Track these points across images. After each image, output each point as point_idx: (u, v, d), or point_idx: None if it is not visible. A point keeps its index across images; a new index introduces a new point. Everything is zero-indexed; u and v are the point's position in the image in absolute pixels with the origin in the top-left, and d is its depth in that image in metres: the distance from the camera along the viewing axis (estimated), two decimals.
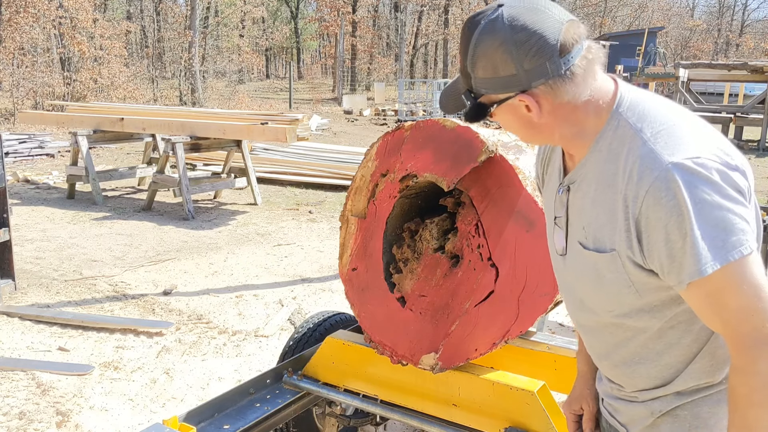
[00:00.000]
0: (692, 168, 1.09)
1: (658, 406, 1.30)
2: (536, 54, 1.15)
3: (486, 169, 2.06)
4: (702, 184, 1.08)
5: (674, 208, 1.09)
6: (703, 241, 1.08)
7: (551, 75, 1.16)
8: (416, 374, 2.26)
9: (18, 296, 5.14)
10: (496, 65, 1.18)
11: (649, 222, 1.12)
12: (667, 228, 1.10)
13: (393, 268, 2.33)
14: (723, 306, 1.12)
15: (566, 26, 1.16)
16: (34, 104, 18.26)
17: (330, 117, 21.96)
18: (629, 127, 1.18)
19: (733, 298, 1.10)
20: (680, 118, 1.18)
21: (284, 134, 7.49)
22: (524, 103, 1.19)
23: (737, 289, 1.09)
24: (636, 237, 1.16)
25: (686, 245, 1.09)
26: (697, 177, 1.08)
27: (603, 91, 1.22)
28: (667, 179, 1.09)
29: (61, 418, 3.37)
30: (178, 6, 31.11)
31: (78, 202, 8.95)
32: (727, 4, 48.72)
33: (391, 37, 41.60)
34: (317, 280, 5.79)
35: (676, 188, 1.08)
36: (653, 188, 1.11)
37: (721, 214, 1.07)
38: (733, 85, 22.13)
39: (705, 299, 1.13)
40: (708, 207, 1.07)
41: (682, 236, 1.09)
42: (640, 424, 1.34)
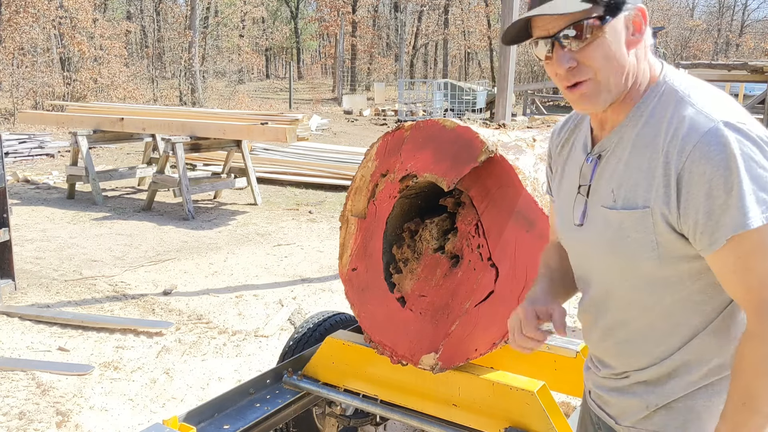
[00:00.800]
0: (742, 129, 1.11)
1: (654, 400, 1.29)
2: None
3: (486, 169, 2.06)
4: (752, 144, 1.10)
5: (722, 162, 1.09)
6: (751, 196, 1.08)
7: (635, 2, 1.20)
8: (416, 374, 2.26)
9: (18, 296, 5.14)
10: None
11: (693, 176, 1.12)
12: (712, 182, 1.10)
13: (393, 268, 2.33)
14: (749, 269, 1.11)
15: None
16: (34, 104, 18.26)
17: (330, 117, 21.96)
18: (675, 93, 1.20)
19: (761, 262, 1.10)
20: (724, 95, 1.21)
21: (284, 134, 7.49)
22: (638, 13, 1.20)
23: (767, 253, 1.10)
24: (675, 192, 1.15)
25: (731, 199, 1.09)
26: (747, 136, 1.10)
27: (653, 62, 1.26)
28: (718, 134, 1.10)
29: (61, 418, 3.37)
30: (178, 6, 31.12)
31: (78, 202, 8.96)
32: (727, 4, 48.71)
33: (391, 37, 41.60)
34: (317, 280, 5.79)
35: (726, 143, 1.09)
36: (701, 143, 1.11)
37: (766, 174, 1.09)
38: (733, 85, 22.12)
39: (734, 262, 1.12)
40: (755, 166, 1.09)
41: (727, 191, 1.09)
42: (632, 417, 1.33)
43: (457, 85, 22.56)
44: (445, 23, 39.02)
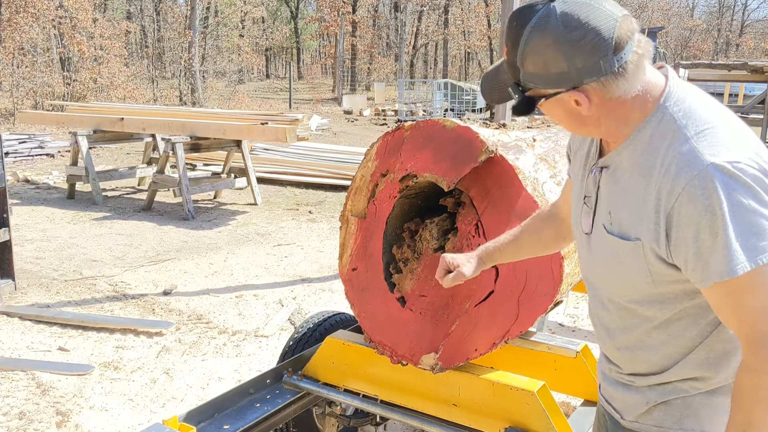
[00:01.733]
0: (731, 171, 1.10)
1: (654, 396, 1.33)
2: (590, 53, 1.14)
3: (486, 169, 2.06)
4: (739, 188, 1.09)
5: (708, 207, 1.10)
6: (736, 243, 1.09)
7: (604, 73, 1.15)
8: (416, 374, 2.26)
9: (18, 296, 5.14)
10: (547, 62, 1.17)
11: (681, 218, 1.13)
12: (699, 226, 1.11)
13: (393, 268, 2.33)
14: (742, 305, 1.13)
15: (620, 22, 1.15)
16: (34, 104, 18.25)
17: (330, 117, 21.95)
18: (674, 122, 1.19)
19: (753, 299, 1.12)
20: (723, 119, 1.19)
21: (284, 134, 7.49)
22: (573, 98, 1.19)
23: (759, 290, 1.11)
24: (665, 231, 1.17)
25: (716, 245, 1.10)
26: (736, 180, 1.10)
27: (651, 86, 1.22)
28: (705, 178, 1.10)
29: (61, 418, 3.37)
30: (178, 6, 31.12)
31: (78, 202, 8.95)
32: (727, 4, 48.70)
33: (391, 37, 41.59)
34: (317, 280, 5.79)
35: (713, 188, 1.10)
36: (690, 186, 1.12)
37: (755, 218, 1.09)
38: (733, 85, 22.11)
39: (726, 297, 1.15)
40: (743, 210, 1.09)
41: (713, 235, 1.10)
42: (634, 411, 1.37)
43: (457, 85, 22.55)
44: (445, 23, 39.02)
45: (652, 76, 1.23)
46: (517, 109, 1.26)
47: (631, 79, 1.18)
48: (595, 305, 1.44)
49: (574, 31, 1.13)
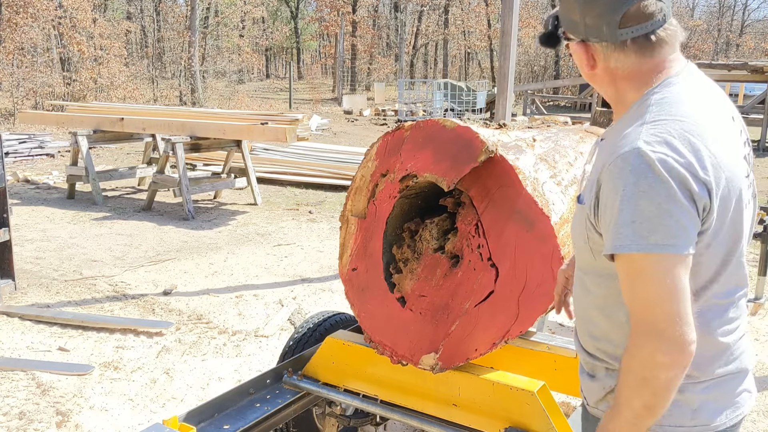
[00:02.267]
0: (651, 160, 1.15)
1: (609, 382, 1.37)
2: (598, 15, 1.25)
3: (486, 169, 2.06)
4: (651, 177, 1.14)
5: (616, 185, 1.17)
6: (629, 225, 1.15)
7: (605, 38, 1.27)
8: (416, 374, 2.26)
9: (18, 296, 5.14)
10: (569, 8, 1.31)
11: (602, 189, 1.21)
12: (607, 200, 1.19)
13: (393, 268, 2.33)
14: (632, 289, 1.19)
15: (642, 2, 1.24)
16: (34, 104, 18.26)
17: (330, 117, 21.95)
18: (646, 107, 1.26)
19: (644, 288, 1.17)
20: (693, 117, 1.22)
21: (284, 134, 7.49)
22: (582, 50, 1.32)
23: (651, 281, 1.15)
24: (595, 197, 1.24)
25: (611, 220, 1.18)
26: (651, 170, 1.14)
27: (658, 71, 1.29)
28: (626, 160, 1.17)
29: (61, 418, 3.37)
30: (178, 6, 31.14)
31: (78, 202, 8.95)
32: (727, 4, 48.68)
33: (391, 37, 41.60)
34: (317, 280, 5.79)
35: (627, 170, 1.16)
36: (613, 163, 1.19)
37: (658, 211, 1.13)
38: (733, 85, 22.12)
39: (623, 278, 1.21)
40: (646, 199, 1.14)
41: (611, 210, 1.18)
42: (595, 397, 1.43)
43: (457, 85, 22.55)
44: (445, 23, 39.01)
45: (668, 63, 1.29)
46: (541, 38, 1.39)
47: (631, 57, 1.27)
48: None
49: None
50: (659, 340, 1.15)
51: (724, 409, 1.31)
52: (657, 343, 1.15)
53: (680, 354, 1.15)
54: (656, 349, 1.15)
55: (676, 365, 1.15)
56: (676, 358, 1.15)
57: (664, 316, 1.15)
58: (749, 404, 1.36)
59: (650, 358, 1.16)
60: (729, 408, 1.32)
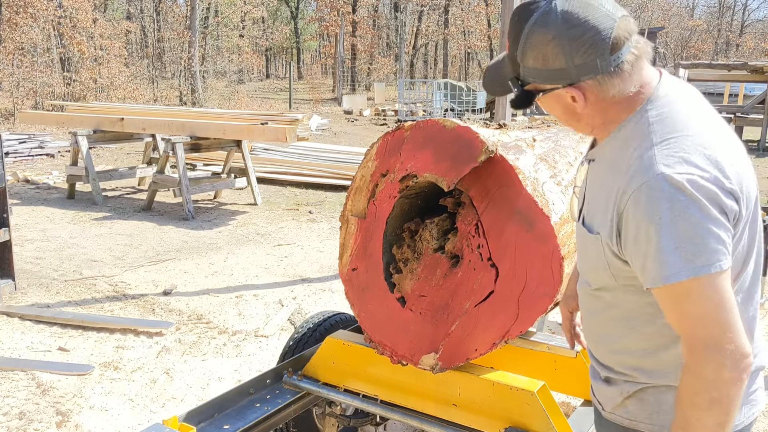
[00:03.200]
0: (679, 183, 1.13)
1: (627, 388, 1.37)
2: (588, 50, 1.18)
3: (486, 169, 2.06)
4: (684, 200, 1.12)
5: (648, 214, 1.14)
6: (674, 253, 1.12)
7: (600, 71, 1.20)
8: (416, 374, 2.26)
9: (18, 296, 5.14)
10: (547, 58, 1.21)
11: (628, 219, 1.18)
12: (638, 230, 1.16)
13: (393, 268, 2.33)
14: (681, 310, 1.17)
15: (619, 23, 1.19)
16: (34, 104, 18.26)
17: (330, 117, 21.95)
18: (647, 125, 1.22)
19: (693, 307, 1.15)
20: (697, 128, 1.20)
21: (284, 134, 7.49)
22: (570, 94, 1.24)
23: (700, 300, 1.14)
24: (617, 228, 1.22)
25: (650, 251, 1.15)
26: (682, 192, 1.12)
27: (645, 87, 1.26)
28: (653, 187, 1.14)
29: (61, 418, 3.37)
30: (178, 6, 31.13)
31: (78, 202, 8.95)
32: (727, 4, 48.68)
33: (391, 37, 41.59)
34: (317, 280, 5.79)
35: (657, 198, 1.13)
36: (638, 191, 1.16)
37: (697, 231, 1.12)
38: (733, 85, 22.13)
39: (667, 302, 1.19)
40: (684, 222, 1.11)
41: (648, 242, 1.15)
42: (611, 403, 1.42)
43: (457, 85, 22.54)
44: (445, 23, 39.01)
45: (648, 78, 1.26)
46: (516, 102, 1.32)
47: (626, 79, 1.22)
48: (580, 289, 1.50)
49: (573, 28, 1.17)
50: (721, 355, 1.13)
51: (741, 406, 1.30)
52: (720, 359, 1.14)
53: (744, 366, 1.14)
54: (721, 366, 1.14)
55: (742, 378, 1.15)
56: (741, 371, 1.14)
57: (720, 331, 1.13)
58: (763, 402, 1.36)
59: (717, 377, 1.14)
60: (746, 405, 1.32)
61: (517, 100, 1.30)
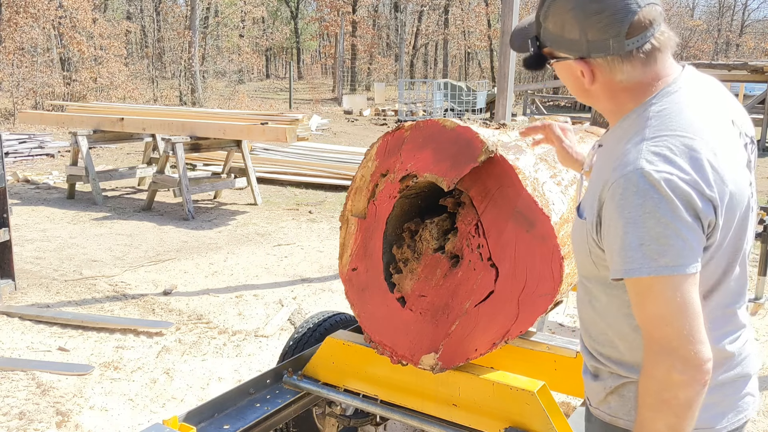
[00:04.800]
0: (655, 180, 1.12)
1: (610, 383, 1.37)
2: (603, 29, 1.19)
3: (486, 169, 2.06)
4: (656, 197, 1.12)
5: (620, 207, 1.15)
6: (638, 249, 1.13)
7: (612, 52, 1.21)
8: (416, 374, 2.26)
9: (18, 296, 5.14)
10: (564, 26, 1.23)
11: (605, 210, 1.20)
12: (611, 222, 1.17)
13: (393, 268, 2.33)
14: (643, 308, 1.17)
15: (643, 9, 1.19)
16: (34, 104, 18.26)
17: (330, 117, 21.95)
18: (646, 119, 1.23)
19: (653, 306, 1.15)
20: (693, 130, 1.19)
21: (284, 134, 7.49)
22: (580, 68, 1.25)
23: (660, 300, 1.14)
24: (597, 216, 1.23)
25: (616, 244, 1.16)
26: (657, 190, 1.12)
27: (658, 79, 1.26)
28: (629, 180, 1.14)
29: (61, 418, 3.37)
30: (178, 6, 31.12)
31: (78, 202, 8.95)
32: (727, 4, 48.66)
33: (391, 37, 41.59)
34: (317, 280, 5.79)
35: (630, 192, 1.14)
36: (616, 183, 1.17)
37: (665, 231, 1.11)
38: (733, 85, 22.10)
39: (632, 297, 1.19)
40: (654, 220, 1.11)
41: (617, 235, 1.16)
42: (596, 398, 1.42)
43: (457, 85, 22.54)
44: (445, 23, 39.00)
45: (666, 70, 1.26)
46: (528, 62, 1.34)
47: (638, 67, 1.23)
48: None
49: (594, 2, 1.19)
50: (673, 358, 1.14)
51: (727, 412, 1.30)
52: (671, 361, 1.14)
53: (697, 372, 1.14)
54: (671, 368, 1.14)
55: (694, 383, 1.14)
56: (693, 375, 1.14)
57: (675, 335, 1.13)
58: (753, 408, 1.35)
59: (666, 378, 1.15)
60: (731, 412, 1.31)
61: (530, 60, 1.32)
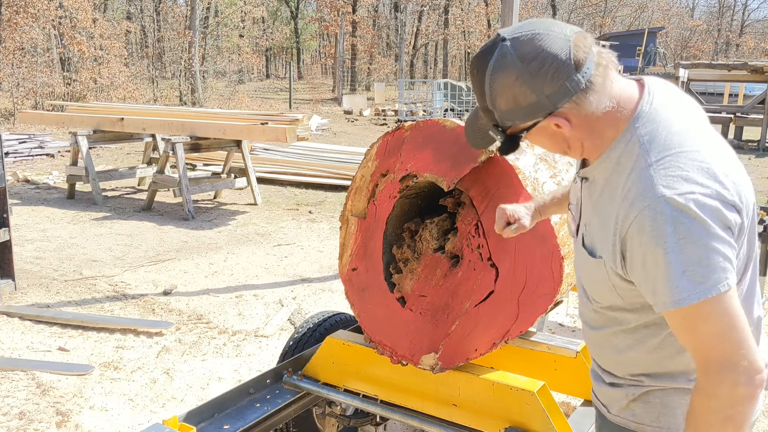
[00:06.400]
0: (682, 205, 1.12)
1: (632, 390, 1.37)
2: (553, 78, 1.17)
3: (486, 169, 2.06)
4: (687, 221, 1.11)
5: (654, 239, 1.13)
6: (682, 276, 1.12)
7: (573, 92, 1.18)
8: (416, 374, 2.26)
9: (18, 296, 5.14)
10: (517, 97, 1.20)
11: (633, 245, 1.18)
12: (645, 255, 1.15)
13: (393, 268, 2.33)
14: (695, 332, 1.16)
15: (573, 40, 1.17)
16: (34, 104, 18.26)
17: (330, 117, 21.95)
18: (639, 145, 1.21)
19: (706, 327, 1.15)
20: (691, 142, 1.19)
21: (284, 134, 7.49)
22: (553, 122, 1.22)
23: (712, 320, 1.14)
24: (620, 253, 1.21)
25: (659, 276, 1.14)
26: (686, 214, 1.11)
27: (624, 99, 1.24)
28: (655, 210, 1.13)
29: (61, 418, 3.37)
30: (178, 6, 31.11)
31: (78, 202, 8.95)
32: (727, 4, 48.69)
33: (391, 37, 41.59)
34: (317, 280, 5.79)
35: (661, 221, 1.12)
36: (641, 216, 1.15)
37: (704, 252, 1.11)
38: (733, 85, 22.09)
39: (680, 323, 1.18)
40: (691, 244, 1.11)
41: (656, 266, 1.14)
42: (617, 405, 1.42)
43: (457, 85, 22.54)
44: (445, 23, 39.01)
45: (623, 89, 1.25)
46: (503, 149, 1.30)
47: (600, 91, 1.21)
48: (581, 301, 1.50)
49: (531, 62, 1.16)
50: (736, 373, 1.13)
51: None
52: (735, 377, 1.13)
53: (760, 381, 1.14)
54: (736, 384, 1.14)
55: (755, 396, 1.15)
56: (756, 388, 1.14)
57: (733, 350, 1.13)
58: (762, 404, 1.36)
59: (731, 395, 1.14)
60: None
61: (504, 146, 1.30)
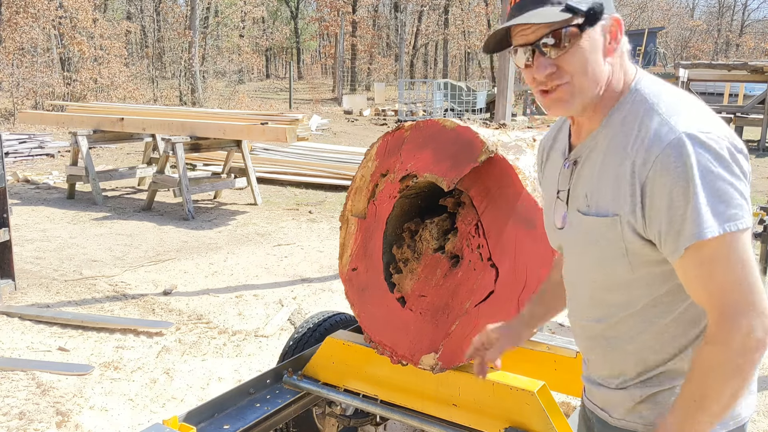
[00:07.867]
0: (704, 140, 1.13)
1: (639, 392, 1.34)
2: None
3: (486, 169, 2.06)
4: (711, 156, 1.12)
5: (682, 174, 1.13)
6: (706, 208, 1.12)
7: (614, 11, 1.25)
8: (416, 374, 2.26)
9: (18, 296, 5.14)
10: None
11: (655, 187, 1.16)
12: (672, 193, 1.14)
13: (393, 268, 2.33)
14: (711, 276, 1.15)
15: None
16: (34, 104, 18.26)
17: (330, 117, 21.96)
18: (645, 101, 1.23)
19: (722, 269, 1.14)
20: (692, 102, 1.23)
21: (284, 134, 7.49)
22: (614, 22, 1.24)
23: (728, 260, 1.13)
24: (640, 202, 1.19)
25: (688, 210, 1.13)
26: (708, 149, 1.13)
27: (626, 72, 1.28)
28: (679, 146, 1.13)
29: (61, 418, 3.37)
30: (178, 6, 31.10)
31: (78, 202, 8.96)
32: (727, 4, 48.69)
33: (391, 37, 41.60)
34: (317, 280, 5.79)
35: (686, 155, 1.12)
36: (663, 154, 1.14)
37: (725, 186, 1.12)
38: (733, 85, 22.11)
39: (696, 268, 1.16)
40: (713, 177, 1.12)
41: (686, 201, 1.13)
42: (621, 409, 1.38)
43: (457, 85, 22.55)
44: (445, 23, 39.02)
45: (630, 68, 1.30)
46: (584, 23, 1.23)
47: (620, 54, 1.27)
48: (573, 304, 1.45)
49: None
50: (751, 317, 1.12)
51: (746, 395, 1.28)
52: (750, 320, 1.12)
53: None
54: (752, 328, 1.12)
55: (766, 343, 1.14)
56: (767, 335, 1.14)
57: (749, 290, 1.13)
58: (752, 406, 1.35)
59: (745, 341, 1.13)
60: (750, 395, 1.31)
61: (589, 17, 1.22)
